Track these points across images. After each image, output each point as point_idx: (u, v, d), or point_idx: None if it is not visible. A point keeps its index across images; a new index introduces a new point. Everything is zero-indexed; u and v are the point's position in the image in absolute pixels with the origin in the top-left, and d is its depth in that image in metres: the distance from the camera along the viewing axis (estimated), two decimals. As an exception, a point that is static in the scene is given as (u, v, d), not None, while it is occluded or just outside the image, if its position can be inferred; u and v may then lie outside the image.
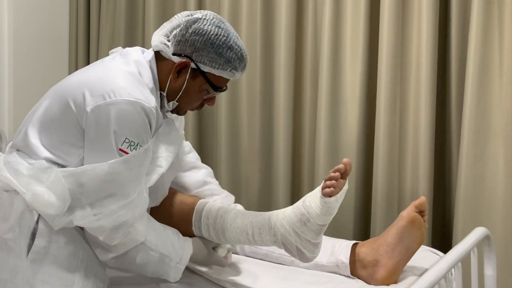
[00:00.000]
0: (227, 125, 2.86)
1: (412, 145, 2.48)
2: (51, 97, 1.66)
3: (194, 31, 1.64)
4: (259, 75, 2.80)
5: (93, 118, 1.54)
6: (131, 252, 1.63)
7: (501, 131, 2.32)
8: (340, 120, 2.61)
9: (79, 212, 1.55)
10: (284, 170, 2.74)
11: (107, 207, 1.54)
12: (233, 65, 1.67)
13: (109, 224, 1.55)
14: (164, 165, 1.66)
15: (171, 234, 1.74)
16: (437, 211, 2.52)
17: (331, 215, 1.71)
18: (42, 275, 1.57)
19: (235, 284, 1.81)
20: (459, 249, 1.78)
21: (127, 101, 1.54)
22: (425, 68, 2.41)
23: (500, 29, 2.31)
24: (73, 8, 3.30)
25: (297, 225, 1.71)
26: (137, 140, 1.55)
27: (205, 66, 1.65)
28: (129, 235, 1.59)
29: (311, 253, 1.75)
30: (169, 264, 1.69)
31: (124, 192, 1.56)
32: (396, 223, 1.88)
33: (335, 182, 1.68)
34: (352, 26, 2.58)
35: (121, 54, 1.71)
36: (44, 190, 1.55)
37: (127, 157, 1.54)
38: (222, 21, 1.68)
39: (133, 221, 1.58)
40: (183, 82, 1.67)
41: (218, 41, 1.64)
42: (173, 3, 3.04)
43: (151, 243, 1.65)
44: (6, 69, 2.99)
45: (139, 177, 1.59)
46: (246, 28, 2.81)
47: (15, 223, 1.59)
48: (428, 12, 2.40)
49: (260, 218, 1.76)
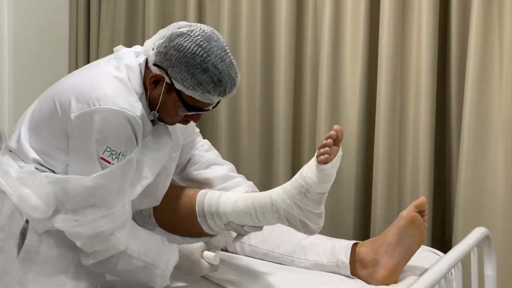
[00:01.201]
0: (227, 125, 2.86)
1: (412, 145, 2.48)
2: (43, 98, 1.66)
3: (174, 45, 1.57)
4: (259, 75, 2.80)
5: (77, 125, 1.54)
6: (112, 259, 1.61)
7: (501, 131, 2.32)
8: (340, 120, 2.61)
9: (60, 215, 1.55)
10: (284, 170, 2.73)
11: (88, 215, 1.55)
12: (205, 88, 1.57)
13: (87, 232, 1.55)
14: (149, 176, 1.64)
15: (157, 241, 1.70)
16: (437, 211, 2.52)
17: (329, 183, 1.70)
18: (33, 275, 1.57)
19: (235, 284, 1.81)
20: (459, 249, 1.78)
21: (111, 109, 1.53)
22: (425, 68, 2.41)
23: (500, 29, 2.31)
24: (73, 8, 3.30)
25: (298, 197, 1.70)
26: (119, 150, 1.54)
27: (178, 84, 1.58)
28: (108, 243, 1.58)
29: (315, 224, 1.73)
30: (154, 272, 1.67)
31: (106, 203, 1.56)
32: (396, 223, 1.88)
33: (328, 149, 1.66)
34: (352, 26, 2.58)
35: (115, 57, 1.68)
36: (30, 193, 1.56)
37: (110, 169, 1.54)
38: (208, 40, 1.58)
39: (112, 232, 1.57)
40: (159, 94, 1.62)
41: (193, 60, 1.56)
42: (173, 3, 3.04)
43: (134, 251, 1.63)
44: (6, 69, 2.98)
45: (123, 188, 1.58)
46: (246, 28, 2.81)
47: (5, 223, 1.60)
48: (428, 12, 2.40)
49: (261, 198, 1.75)
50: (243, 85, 2.83)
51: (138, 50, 1.70)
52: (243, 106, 2.85)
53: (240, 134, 2.86)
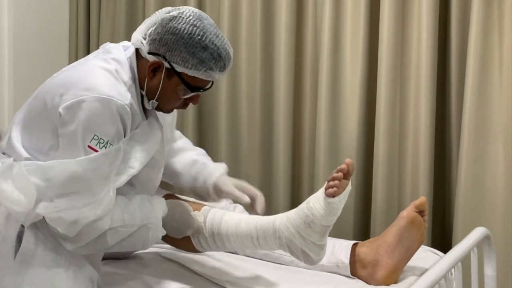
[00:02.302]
0: (227, 124, 2.86)
1: (412, 145, 2.48)
2: (34, 97, 1.66)
3: (168, 29, 1.58)
4: (259, 74, 2.80)
5: (65, 114, 1.52)
6: (100, 238, 1.58)
7: (501, 131, 2.32)
8: (340, 120, 2.61)
9: (43, 203, 1.52)
10: (284, 170, 2.73)
11: (70, 202, 1.51)
12: (207, 65, 1.59)
13: (69, 217, 1.51)
14: (136, 166, 1.62)
15: (138, 200, 1.67)
16: (437, 211, 2.52)
17: (335, 216, 1.70)
18: (29, 277, 1.56)
19: (235, 284, 1.81)
20: (459, 249, 1.78)
21: (98, 98, 1.52)
22: (425, 68, 2.41)
23: (500, 29, 2.31)
24: (73, 8, 3.30)
25: (302, 227, 1.70)
26: (106, 138, 1.53)
27: (179, 67, 1.59)
28: (91, 227, 1.54)
29: (317, 255, 1.74)
30: (145, 228, 1.63)
31: (90, 190, 1.52)
32: (396, 223, 1.88)
33: (338, 182, 1.67)
34: (352, 26, 2.58)
35: (103, 51, 1.68)
36: (10, 187, 1.54)
37: (96, 155, 1.51)
38: (200, 19, 1.60)
39: (94, 219, 1.53)
40: (159, 81, 1.62)
41: (191, 40, 1.57)
42: (173, 3, 3.04)
43: (118, 223, 1.59)
44: (6, 69, 2.98)
45: (108, 177, 1.55)
46: (246, 28, 2.81)
47: (1, 226, 1.59)
48: (428, 12, 2.40)
49: (264, 222, 1.75)
50: (243, 85, 2.83)
51: (125, 44, 1.70)
52: (243, 106, 2.85)
53: (240, 134, 2.86)
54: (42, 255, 1.57)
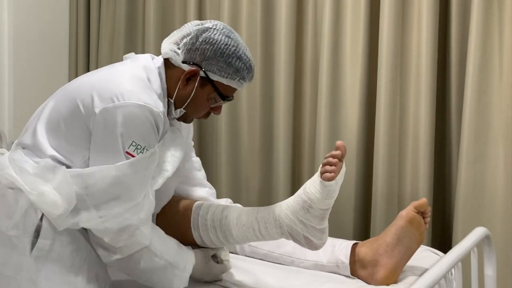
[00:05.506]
0: (227, 126, 2.86)
1: (412, 145, 2.48)
2: (59, 97, 1.67)
3: (204, 40, 1.65)
4: (259, 75, 2.80)
5: (101, 120, 1.55)
6: (135, 255, 1.62)
7: (501, 131, 2.32)
8: (340, 120, 2.61)
9: (84, 214, 1.55)
10: (284, 171, 2.74)
11: (112, 209, 1.55)
12: (241, 74, 1.67)
13: (115, 226, 1.56)
14: (170, 169, 1.67)
15: (174, 243, 1.73)
16: (437, 211, 2.52)
17: (332, 199, 1.71)
18: (45, 273, 1.57)
19: (235, 284, 1.81)
20: (459, 249, 1.78)
21: (136, 104, 1.55)
22: (425, 68, 2.41)
23: (500, 29, 2.31)
24: (73, 8, 3.30)
25: (301, 213, 1.71)
26: (143, 144, 1.56)
27: (214, 75, 1.66)
28: (134, 237, 1.59)
29: (319, 240, 1.75)
30: (173, 272, 1.68)
31: (130, 195, 1.56)
32: (395, 223, 1.88)
33: (334, 167, 1.68)
34: (352, 26, 2.58)
35: (131, 59, 1.72)
36: (49, 190, 1.55)
37: (134, 160, 1.55)
38: (232, 31, 1.70)
39: (138, 224, 1.58)
40: (191, 90, 1.68)
41: (228, 50, 1.65)
42: (173, 3, 3.04)
43: (156, 248, 1.64)
44: (6, 70, 2.99)
45: (145, 180, 1.60)
46: (246, 28, 2.81)
47: (20, 220, 1.60)
48: (428, 12, 2.40)
49: (264, 213, 1.76)
50: (243, 85, 2.83)
51: (152, 55, 1.75)
52: (243, 107, 2.85)
53: (240, 134, 2.86)
54: (59, 251, 1.59)
